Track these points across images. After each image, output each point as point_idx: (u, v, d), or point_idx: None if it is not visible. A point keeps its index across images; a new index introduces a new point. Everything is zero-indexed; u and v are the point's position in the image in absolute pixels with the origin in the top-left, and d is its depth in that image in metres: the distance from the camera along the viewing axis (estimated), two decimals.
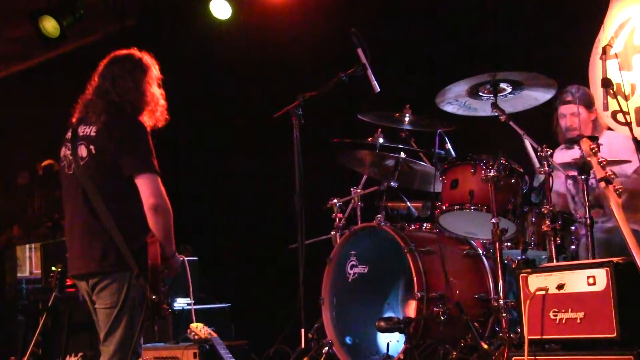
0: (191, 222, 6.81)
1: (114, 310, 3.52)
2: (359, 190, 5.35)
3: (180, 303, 5.71)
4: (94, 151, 3.59)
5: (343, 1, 6.72)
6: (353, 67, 4.68)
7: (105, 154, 3.57)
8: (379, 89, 4.64)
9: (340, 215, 5.35)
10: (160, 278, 3.51)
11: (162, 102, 3.84)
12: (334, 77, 4.72)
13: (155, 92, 3.81)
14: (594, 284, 3.49)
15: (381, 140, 5.25)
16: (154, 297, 3.45)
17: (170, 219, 3.59)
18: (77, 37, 7.90)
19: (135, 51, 3.87)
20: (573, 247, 4.45)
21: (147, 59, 3.86)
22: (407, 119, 5.14)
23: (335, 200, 5.37)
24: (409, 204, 5.39)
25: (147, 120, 3.75)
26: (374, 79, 4.64)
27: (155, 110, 3.78)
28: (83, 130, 3.65)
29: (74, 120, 3.75)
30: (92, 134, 3.61)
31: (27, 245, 9.21)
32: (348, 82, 4.71)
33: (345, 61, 4.80)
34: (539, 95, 4.52)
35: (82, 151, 3.63)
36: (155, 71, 3.86)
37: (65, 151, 3.72)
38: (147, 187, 3.51)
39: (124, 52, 3.87)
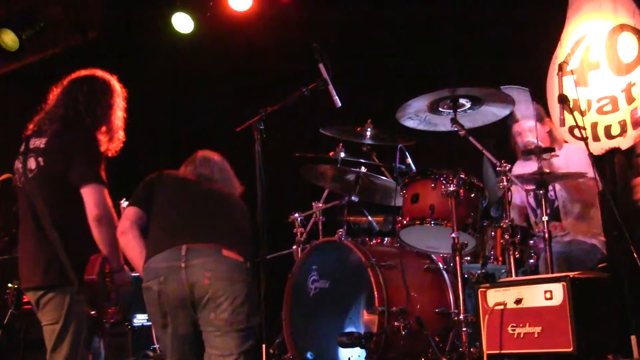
0: None
1: (57, 326, 3.50)
2: (320, 205, 5.36)
3: (140, 319, 5.65)
4: (42, 163, 3.57)
5: (305, 16, 6.74)
6: (315, 81, 4.69)
7: (53, 166, 3.56)
8: (340, 104, 4.65)
9: (301, 229, 5.35)
10: (99, 293, 3.46)
11: (121, 134, 3.82)
12: (296, 91, 4.73)
13: (118, 120, 3.80)
14: (551, 298, 3.53)
15: (342, 154, 5.26)
16: (92, 312, 3.43)
17: (115, 232, 3.56)
18: (38, 50, 7.82)
19: (110, 76, 3.87)
20: (532, 260, 4.49)
21: (118, 87, 3.86)
22: (368, 133, 5.16)
23: (296, 215, 5.37)
24: (370, 218, 5.41)
25: (104, 144, 3.73)
26: (335, 93, 4.65)
27: (113, 137, 3.77)
28: (34, 142, 3.63)
29: (28, 132, 3.72)
30: (42, 145, 3.59)
31: None
32: (310, 96, 4.72)
33: (308, 75, 4.81)
34: (497, 111, 4.57)
35: (31, 164, 3.60)
36: (122, 101, 3.86)
37: (17, 164, 3.70)
38: (91, 198, 3.49)
39: (99, 72, 3.87)
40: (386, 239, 5.04)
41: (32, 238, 3.58)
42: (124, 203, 4.59)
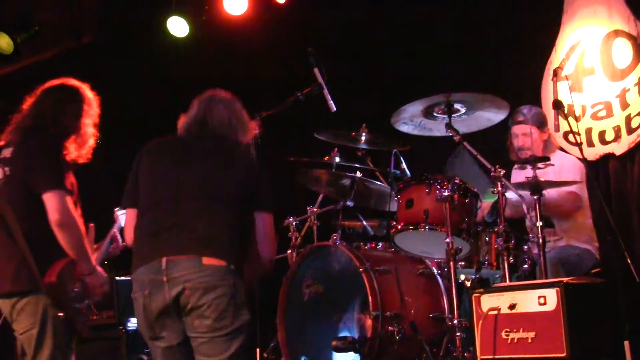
0: None
1: (34, 331, 3.56)
2: (315, 209, 5.36)
3: (134, 323, 5.64)
4: (8, 172, 3.66)
5: (300, 20, 6.75)
6: (310, 86, 4.70)
7: (17, 174, 3.63)
8: (335, 109, 4.66)
9: (296, 234, 5.35)
10: (62, 295, 3.56)
11: (92, 141, 3.89)
12: (291, 96, 4.74)
13: (89, 128, 3.87)
14: (544, 303, 3.54)
15: (337, 159, 5.28)
16: (59, 314, 3.54)
17: (79, 235, 3.63)
18: (33, 53, 7.81)
19: (81, 84, 3.93)
20: (526, 266, 4.50)
21: (91, 95, 3.92)
22: (363, 138, 5.16)
23: (291, 219, 5.37)
24: (364, 223, 5.41)
25: (72, 150, 3.79)
26: (330, 98, 4.67)
27: (82, 145, 3.83)
28: (3, 153, 3.70)
29: (1, 143, 3.79)
30: (8, 155, 3.69)
31: None
32: (305, 101, 4.73)
33: (303, 80, 4.82)
34: (492, 116, 4.58)
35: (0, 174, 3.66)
36: (95, 109, 3.92)
37: None
38: (52, 204, 3.55)
39: (70, 81, 3.93)
40: (380, 243, 5.05)
41: (2, 246, 3.64)
42: (119, 211, 4.62)
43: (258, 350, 4.62)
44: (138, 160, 3.46)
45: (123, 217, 4.72)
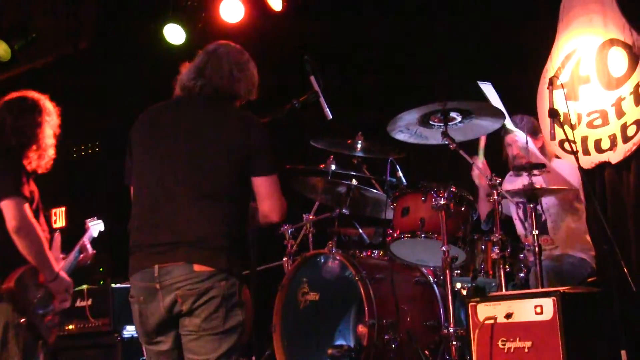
0: None
1: None
2: (311, 217, 5.35)
3: (130, 331, 5.63)
4: None
5: (296, 28, 6.76)
6: (306, 93, 4.69)
7: None
8: (331, 117, 4.65)
9: (292, 241, 5.34)
10: (21, 301, 3.64)
11: (52, 151, 3.99)
12: (287, 103, 4.73)
13: (49, 139, 3.96)
14: (541, 313, 3.53)
15: (333, 167, 5.27)
16: (21, 320, 3.63)
17: (38, 242, 3.74)
18: (29, 60, 7.82)
19: (41, 96, 4.02)
20: (522, 274, 4.50)
21: (51, 106, 4.00)
22: (359, 145, 5.16)
23: (287, 227, 5.36)
24: (360, 230, 5.40)
25: (33, 160, 3.89)
26: (326, 106, 4.66)
27: (42, 156, 3.94)
28: None
29: None
30: None
31: None
32: (301, 108, 4.72)
33: (299, 87, 4.81)
34: (488, 124, 4.58)
35: None
36: (55, 120, 3.99)
37: None
38: (8, 211, 3.64)
39: (30, 93, 4.02)
40: (376, 251, 5.05)
41: None
42: (90, 222, 4.67)
43: (253, 358, 4.61)
44: (132, 134, 3.30)
45: (94, 227, 4.77)
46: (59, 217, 8.31)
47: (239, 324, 3.08)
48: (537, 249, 4.20)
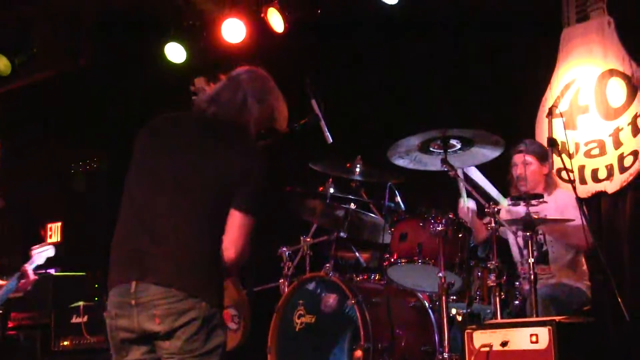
0: None
1: None
2: (308, 239, 5.36)
3: None
4: None
5: (298, 50, 6.79)
6: (307, 116, 4.71)
7: None
8: (331, 140, 4.67)
9: (289, 263, 5.35)
10: None
11: None
12: (287, 125, 4.74)
13: None
14: (536, 342, 3.55)
15: (332, 190, 5.28)
16: None
17: None
18: (29, 75, 7.83)
19: None
20: (517, 302, 4.52)
21: None
22: (358, 169, 5.18)
23: (284, 249, 5.38)
24: (357, 254, 5.42)
25: None
26: (327, 129, 4.68)
27: None
28: None
29: None
30: None
31: None
32: (301, 131, 4.74)
33: (300, 110, 4.84)
34: (487, 152, 4.61)
35: None
36: None
37: None
38: None
39: None
40: (373, 275, 5.06)
41: None
42: (34, 250, 4.68)
43: None
44: (136, 142, 3.19)
45: (39, 254, 4.78)
46: (55, 232, 8.29)
47: (220, 344, 3.05)
48: (532, 277, 4.21)
